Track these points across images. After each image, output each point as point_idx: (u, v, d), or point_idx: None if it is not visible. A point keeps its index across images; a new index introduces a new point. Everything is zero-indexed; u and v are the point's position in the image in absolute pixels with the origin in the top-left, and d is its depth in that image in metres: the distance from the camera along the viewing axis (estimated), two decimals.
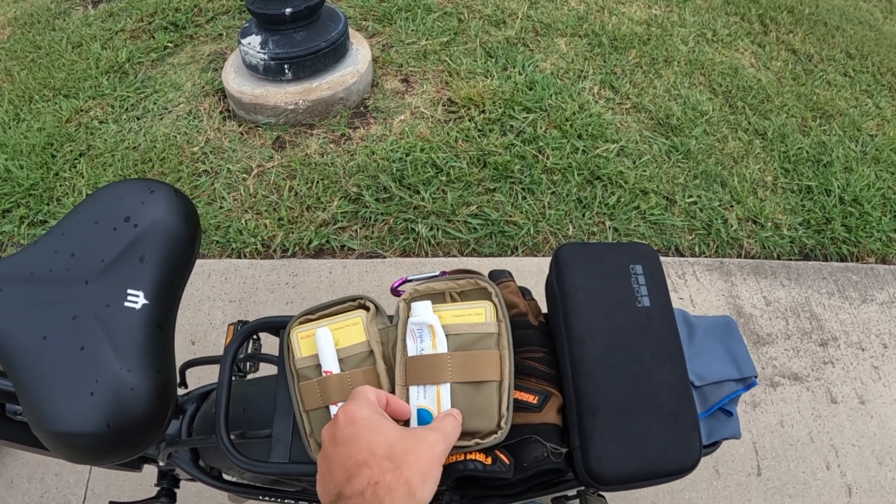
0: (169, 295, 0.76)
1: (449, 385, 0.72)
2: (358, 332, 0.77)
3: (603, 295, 0.77)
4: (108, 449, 0.67)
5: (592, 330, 0.74)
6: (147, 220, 0.77)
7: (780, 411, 1.94)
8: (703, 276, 2.23)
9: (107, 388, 0.66)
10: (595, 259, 0.80)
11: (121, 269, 0.73)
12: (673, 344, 0.76)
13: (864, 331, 2.17)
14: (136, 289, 0.72)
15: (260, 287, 2.06)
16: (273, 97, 2.48)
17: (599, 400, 0.70)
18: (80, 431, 0.65)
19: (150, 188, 0.79)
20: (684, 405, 0.72)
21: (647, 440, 0.69)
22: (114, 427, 0.66)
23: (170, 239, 0.77)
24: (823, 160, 2.72)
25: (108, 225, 0.76)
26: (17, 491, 1.66)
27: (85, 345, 0.67)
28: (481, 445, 0.70)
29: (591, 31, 3.18)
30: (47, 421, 0.65)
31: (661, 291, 0.79)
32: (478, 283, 0.78)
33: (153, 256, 0.75)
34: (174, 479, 1.25)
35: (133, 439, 0.68)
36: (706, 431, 0.82)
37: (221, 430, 0.76)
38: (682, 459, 0.69)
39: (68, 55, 2.98)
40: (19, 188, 2.32)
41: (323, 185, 2.33)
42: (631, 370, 0.72)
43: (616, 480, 0.67)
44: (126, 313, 0.71)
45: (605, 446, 0.68)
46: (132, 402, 0.67)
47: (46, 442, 0.67)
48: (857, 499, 1.79)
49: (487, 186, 2.37)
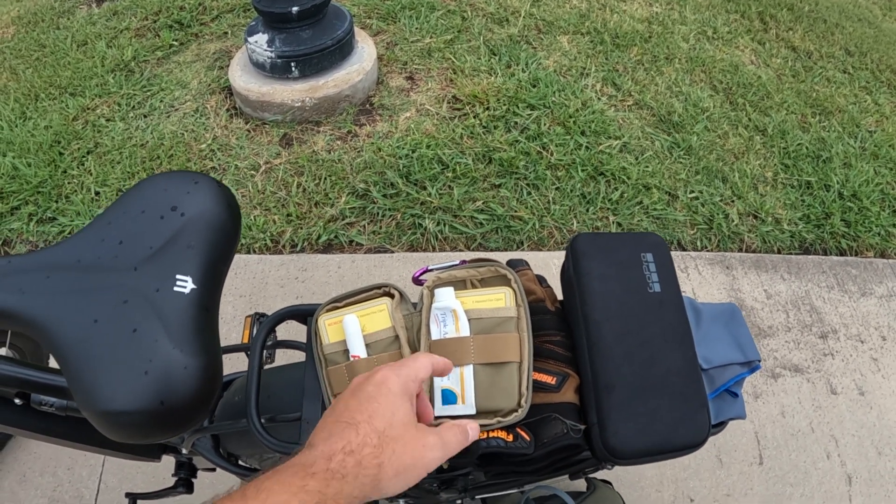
0: (215, 280, 0.79)
1: (472, 366, 0.75)
2: (383, 318, 0.81)
3: (616, 282, 0.81)
4: (161, 426, 0.70)
5: (607, 314, 0.77)
6: (193, 209, 0.79)
7: (781, 402, 1.97)
8: (705, 270, 2.26)
9: (161, 367, 0.69)
10: (608, 248, 0.84)
11: (169, 255, 0.75)
12: (683, 328, 0.79)
13: (864, 323, 2.20)
14: (184, 274, 0.75)
15: (270, 282, 2.09)
16: (280, 95, 2.51)
17: (615, 379, 0.74)
18: (136, 409, 0.67)
19: (195, 179, 0.82)
20: (694, 386, 0.75)
21: (660, 418, 0.72)
22: (167, 404, 0.68)
23: (215, 227, 0.80)
24: (823, 156, 2.75)
25: (156, 214, 0.78)
26: (29, 485, 1.67)
27: (137, 327, 0.70)
28: (503, 423, 0.73)
29: (593, 29, 3.21)
30: (102, 400, 0.67)
31: (670, 278, 0.83)
32: (497, 271, 0.81)
33: (200, 243, 0.78)
34: (192, 469, 1.28)
35: (185, 416, 0.71)
36: (713, 411, 0.85)
37: (253, 413, 0.79)
38: (693, 436, 0.73)
39: (73, 54, 3.00)
40: (27, 186, 2.34)
41: (330, 181, 2.36)
42: (644, 352, 0.76)
43: (631, 455, 0.71)
44: (176, 297, 0.73)
45: (621, 423, 0.71)
46: (185, 380, 0.70)
47: (99, 422, 0.69)
48: (857, 487, 1.82)
49: (493, 182, 2.40)
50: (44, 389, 0.82)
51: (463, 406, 0.74)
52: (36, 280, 0.73)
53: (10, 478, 1.68)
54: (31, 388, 0.82)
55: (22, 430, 0.93)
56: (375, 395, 0.55)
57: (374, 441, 0.51)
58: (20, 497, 1.65)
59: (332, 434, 0.51)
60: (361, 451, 0.50)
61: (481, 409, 0.75)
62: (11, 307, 0.71)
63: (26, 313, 0.71)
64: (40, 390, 0.82)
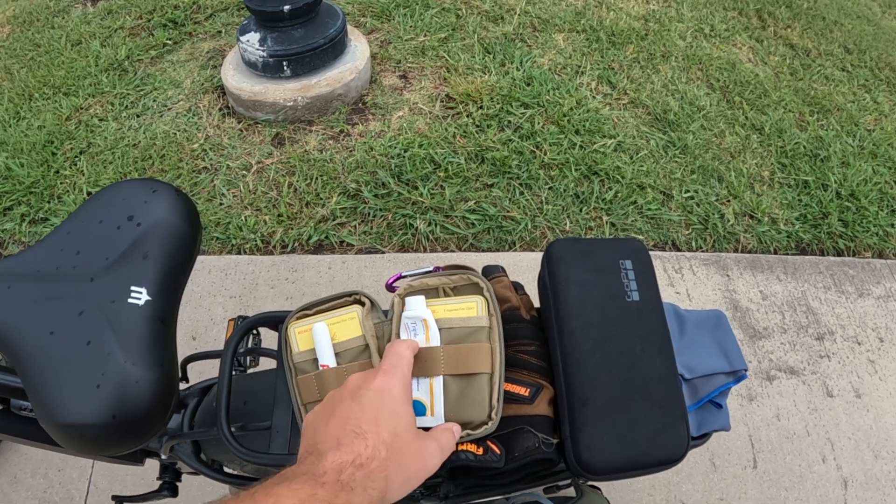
0: (171, 291, 0.78)
1: (441, 377, 0.73)
2: (354, 326, 0.79)
3: (593, 289, 0.79)
4: (114, 440, 0.69)
5: (583, 323, 0.75)
6: (150, 218, 0.79)
7: (776, 405, 1.95)
8: (700, 271, 2.24)
9: (113, 380, 0.68)
10: (586, 254, 0.82)
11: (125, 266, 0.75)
12: (662, 337, 0.77)
13: (861, 325, 2.18)
14: (139, 285, 0.74)
15: (260, 283, 2.08)
16: (272, 94, 2.49)
17: (590, 391, 0.72)
18: (87, 423, 0.67)
19: (153, 188, 0.81)
20: (673, 397, 0.73)
21: (637, 430, 0.70)
22: (119, 418, 0.68)
23: (172, 237, 0.79)
24: (821, 155, 2.73)
25: (113, 224, 0.78)
26: (20, 486, 1.68)
27: (91, 339, 0.69)
28: (472, 436, 0.71)
29: (589, 27, 3.19)
30: (55, 413, 0.67)
31: (650, 286, 0.81)
32: (470, 279, 0.79)
33: (156, 254, 0.77)
34: (176, 473, 1.27)
35: (137, 430, 0.70)
36: (696, 423, 0.83)
37: (223, 422, 0.77)
38: (671, 450, 0.71)
39: (68, 53, 2.99)
40: (20, 186, 2.33)
41: (322, 181, 2.35)
42: (621, 362, 0.74)
43: (605, 470, 0.69)
44: (130, 309, 0.73)
45: (595, 436, 0.69)
46: (137, 393, 0.69)
47: (54, 434, 0.68)
48: (853, 491, 1.81)
49: (485, 182, 2.38)
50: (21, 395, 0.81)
51: (432, 418, 0.72)
52: None
53: (1, 479, 1.69)
54: (9, 393, 0.82)
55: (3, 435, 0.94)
56: (379, 402, 0.56)
57: (382, 454, 0.53)
58: (11, 498, 1.66)
59: (341, 443, 0.52)
60: (370, 465, 0.51)
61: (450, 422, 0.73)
62: None
63: None
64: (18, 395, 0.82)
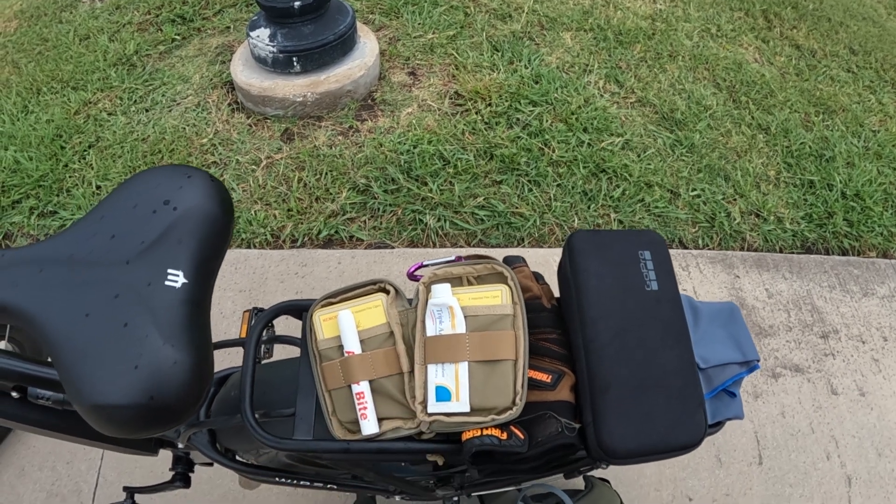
0: (206, 275, 0.78)
1: (467, 363, 0.75)
2: (378, 314, 0.80)
3: (614, 279, 0.80)
4: (149, 421, 0.69)
5: (604, 312, 0.77)
6: (185, 203, 0.79)
7: (781, 402, 1.96)
8: (707, 269, 2.25)
9: (151, 361, 0.68)
10: (606, 245, 0.83)
11: (161, 250, 0.75)
12: (680, 327, 0.79)
13: (865, 324, 2.19)
14: (175, 268, 0.74)
15: (269, 277, 2.09)
16: (281, 89, 2.50)
17: (611, 379, 0.73)
18: (126, 404, 0.66)
19: (188, 173, 0.82)
20: (690, 385, 0.75)
21: (656, 417, 0.72)
22: (157, 399, 0.68)
23: (207, 222, 0.79)
24: (826, 155, 2.74)
25: (148, 208, 0.78)
26: (28, 479, 1.67)
27: (128, 321, 0.69)
28: (497, 421, 0.73)
29: (597, 26, 3.20)
30: (92, 394, 0.67)
31: (668, 276, 0.82)
32: (494, 268, 0.81)
33: (192, 238, 0.77)
34: (189, 464, 1.28)
35: (173, 412, 0.70)
36: (711, 411, 0.85)
37: (247, 408, 0.78)
38: (689, 436, 0.72)
39: (76, 48, 3.00)
40: (29, 179, 2.34)
41: (331, 176, 2.36)
42: (641, 351, 0.75)
43: (627, 454, 0.70)
44: (167, 292, 0.73)
45: (616, 422, 0.71)
46: (175, 375, 0.69)
47: (89, 416, 0.68)
48: (857, 489, 1.82)
49: (494, 178, 2.39)
50: (40, 383, 0.82)
51: (457, 403, 0.74)
52: (29, 274, 0.72)
53: (8, 472, 1.68)
54: (28, 381, 0.82)
55: (19, 424, 0.94)
56: None
57: None
58: (19, 491, 1.66)
59: None
60: None
61: (475, 407, 0.74)
62: (5, 301, 0.71)
63: (20, 307, 0.70)
64: (36, 384, 0.82)
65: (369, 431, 0.77)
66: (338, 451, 0.78)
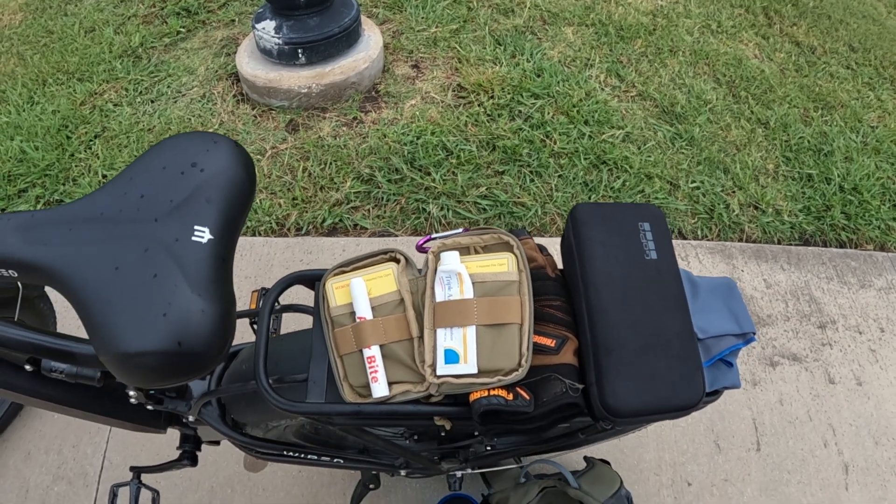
0: (231, 233, 0.81)
1: (475, 327, 0.77)
2: (389, 282, 0.83)
3: (616, 249, 0.83)
4: (178, 368, 0.71)
5: (607, 278, 0.80)
6: (213, 166, 0.82)
7: (779, 390, 1.99)
8: (706, 259, 2.28)
9: (180, 309, 0.71)
10: (608, 216, 0.86)
11: (188, 208, 0.77)
12: (679, 293, 0.81)
13: (862, 315, 2.22)
14: (202, 225, 0.77)
15: (275, 264, 2.11)
16: (286, 81, 2.53)
17: (613, 341, 0.76)
18: (154, 350, 0.69)
19: (214, 139, 0.84)
20: (690, 348, 0.78)
21: (657, 378, 0.74)
22: (185, 346, 0.70)
23: (233, 184, 0.82)
24: (824, 150, 2.77)
25: (177, 170, 0.80)
26: (34, 463, 1.69)
27: (157, 273, 0.72)
28: (503, 382, 0.75)
29: (598, 21, 3.22)
30: (122, 342, 0.69)
31: (667, 247, 0.85)
32: (500, 238, 0.83)
33: (218, 198, 0.80)
34: (197, 442, 1.30)
35: (200, 359, 0.72)
36: (709, 380, 0.87)
37: (261, 373, 0.81)
38: (688, 396, 0.75)
39: (81, 40, 3.02)
40: (35, 169, 2.37)
41: (336, 166, 2.39)
42: (642, 315, 0.78)
43: (629, 413, 0.73)
44: (195, 246, 0.75)
45: (619, 383, 0.73)
46: (203, 323, 0.72)
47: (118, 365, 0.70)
48: (854, 476, 1.84)
49: (496, 169, 2.42)
50: (54, 354, 0.83)
51: (465, 365, 0.76)
52: (59, 233, 0.74)
53: (15, 456, 1.69)
54: (43, 353, 0.83)
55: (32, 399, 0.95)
56: None
57: None
58: (25, 475, 1.67)
59: None
60: None
61: (483, 369, 0.77)
62: (34, 259, 0.73)
63: (49, 264, 0.72)
64: (51, 355, 0.84)
65: (380, 394, 0.80)
66: (349, 413, 0.80)
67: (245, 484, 1.68)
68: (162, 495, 1.64)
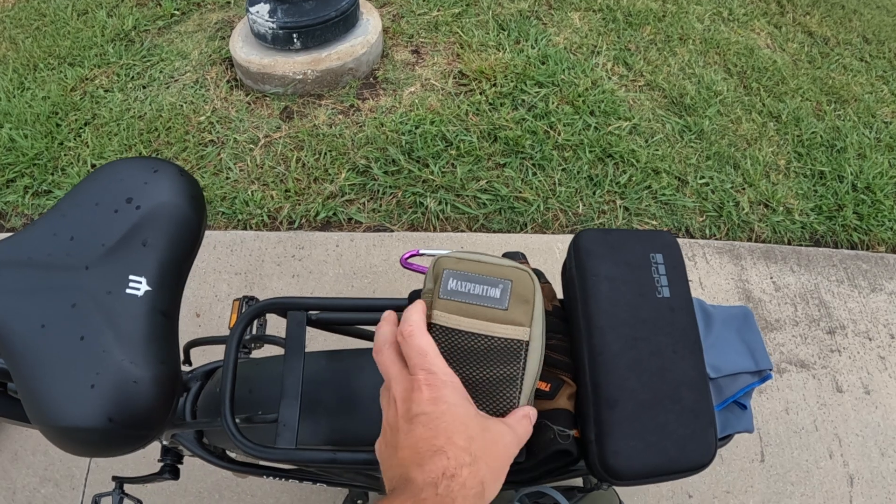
0: (173, 281, 0.73)
1: None
2: None
3: (624, 285, 0.75)
4: (110, 443, 0.65)
5: (614, 321, 0.72)
6: (150, 201, 0.73)
7: (785, 398, 1.93)
8: (713, 259, 2.21)
9: (108, 380, 0.63)
10: (616, 247, 0.78)
11: (122, 253, 0.69)
12: (693, 337, 0.74)
13: (872, 320, 2.15)
14: (138, 275, 0.69)
15: (266, 259, 2.05)
16: (281, 67, 2.44)
17: (619, 393, 0.68)
18: (81, 426, 0.62)
19: (154, 167, 0.75)
20: (703, 400, 0.70)
21: (666, 436, 0.67)
22: (116, 421, 0.63)
23: (174, 222, 0.74)
24: (837, 146, 2.69)
25: (110, 207, 0.72)
26: (21, 464, 1.67)
27: (85, 334, 0.65)
28: None
29: (606, 6, 3.13)
30: (46, 415, 0.62)
31: (681, 282, 0.77)
32: None
33: (157, 240, 0.72)
34: (178, 455, 1.24)
35: (137, 433, 0.66)
36: (720, 424, 0.80)
37: (227, 414, 0.73)
38: (699, 456, 0.67)
39: (73, 23, 2.93)
40: (23, 157, 2.30)
41: (331, 156, 2.31)
42: (651, 364, 0.70)
43: (632, 476, 0.66)
44: (128, 301, 0.67)
45: (623, 441, 0.66)
46: (135, 395, 0.64)
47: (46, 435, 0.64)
48: (859, 488, 1.79)
49: (497, 161, 2.34)
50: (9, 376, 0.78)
51: None
52: None
53: (2, 456, 1.68)
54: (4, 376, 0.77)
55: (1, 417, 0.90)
56: (438, 414, 0.53)
57: (466, 459, 0.51)
58: (12, 475, 1.65)
59: (423, 461, 0.51)
60: (461, 472, 0.50)
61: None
62: None
63: None
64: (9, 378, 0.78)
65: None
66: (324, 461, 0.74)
67: (233, 490, 1.66)
68: (149, 500, 1.62)
